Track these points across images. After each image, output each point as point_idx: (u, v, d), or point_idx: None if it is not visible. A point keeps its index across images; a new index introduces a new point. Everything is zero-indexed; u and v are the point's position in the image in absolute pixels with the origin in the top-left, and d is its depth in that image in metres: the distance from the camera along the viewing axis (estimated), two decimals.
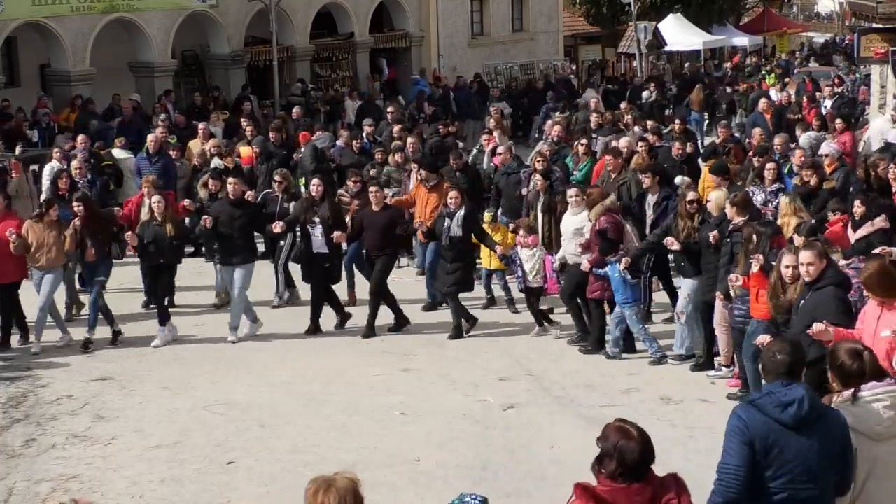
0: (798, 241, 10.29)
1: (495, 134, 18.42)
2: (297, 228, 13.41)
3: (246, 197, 13.38)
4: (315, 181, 13.58)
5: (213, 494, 8.81)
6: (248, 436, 10.04)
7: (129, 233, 13.07)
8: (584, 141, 16.90)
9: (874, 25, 23.60)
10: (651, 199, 13.28)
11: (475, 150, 18.15)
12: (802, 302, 8.67)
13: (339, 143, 19.09)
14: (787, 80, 30.24)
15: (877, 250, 10.03)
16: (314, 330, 13.24)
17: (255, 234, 13.68)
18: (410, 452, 9.48)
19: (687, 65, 38.07)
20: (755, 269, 9.88)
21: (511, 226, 13.98)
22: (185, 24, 27.59)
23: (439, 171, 15.24)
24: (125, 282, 15.18)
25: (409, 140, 18.22)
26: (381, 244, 13.29)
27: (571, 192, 12.75)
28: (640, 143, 16.30)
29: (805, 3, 74.48)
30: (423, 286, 14.65)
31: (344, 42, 31.77)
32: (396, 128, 19.74)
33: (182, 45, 28.54)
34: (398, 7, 32.94)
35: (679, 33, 39.72)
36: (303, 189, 17.72)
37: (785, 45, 48.05)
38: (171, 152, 18.04)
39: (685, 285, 11.81)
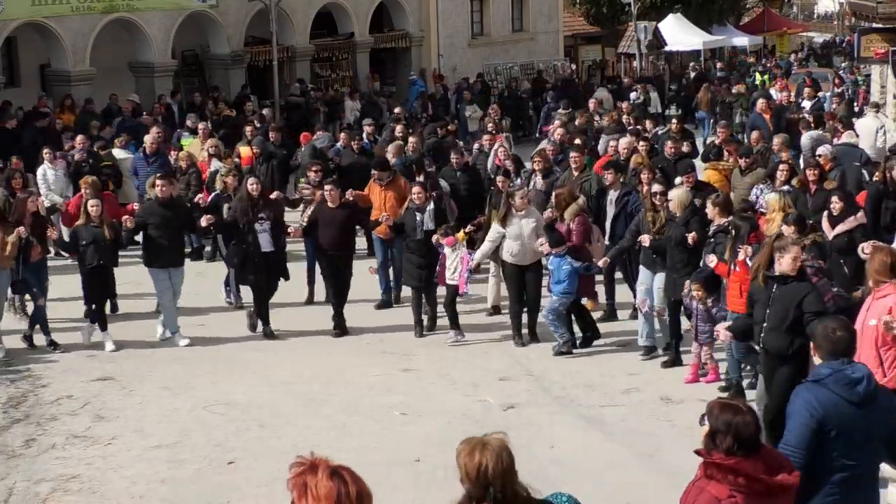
0: (787, 230, 10.34)
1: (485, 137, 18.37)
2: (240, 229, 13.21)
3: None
4: (251, 180, 13.40)
5: (213, 494, 8.81)
6: (248, 436, 10.04)
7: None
8: (577, 141, 16.92)
9: (874, 25, 23.61)
10: (612, 195, 13.51)
11: (475, 150, 18.14)
12: (775, 293, 8.74)
13: (338, 144, 19.06)
14: (777, 81, 30.27)
15: (866, 245, 10.07)
16: (270, 333, 13.11)
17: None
18: (410, 452, 9.48)
19: (692, 64, 38.05)
20: (741, 257, 10.09)
21: (468, 227, 14.31)
22: (185, 24, 27.59)
23: (392, 168, 15.28)
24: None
25: (412, 140, 18.23)
26: (338, 242, 13.22)
27: (518, 193, 12.88)
28: (642, 143, 16.31)
29: (805, 3, 74.46)
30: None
31: (344, 42, 31.76)
32: (398, 127, 19.73)
33: (182, 45, 28.54)
34: (398, 7, 32.94)
35: (679, 33, 39.73)
36: (302, 188, 17.76)
37: (785, 45, 48.05)
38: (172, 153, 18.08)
39: (657, 279, 11.83)
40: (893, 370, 7.88)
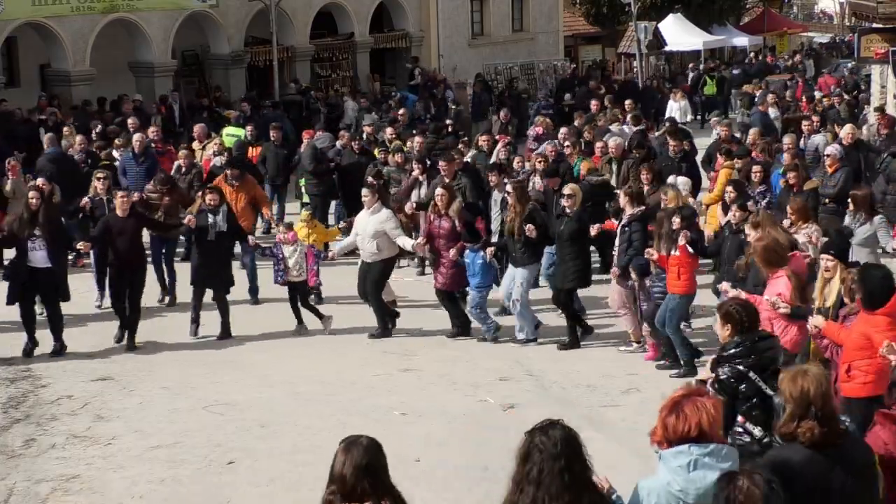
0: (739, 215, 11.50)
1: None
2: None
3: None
4: (32, 193, 12.86)
5: (213, 494, 8.80)
6: (248, 436, 10.03)
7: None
8: (567, 143, 16.98)
9: (874, 25, 23.60)
10: (497, 196, 14.00)
11: (474, 151, 18.14)
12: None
13: (337, 144, 19.06)
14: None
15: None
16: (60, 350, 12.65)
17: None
18: (410, 453, 9.46)
19: (691, 65, 38.07)
20: (682, 242, 11.04)
21: (342, 224, 15.03)
22: (185, 24, 27.59)
23: (243, 170, 15.36)
24: None
25: (416, 140, 18.25)
26: (129, 251, 12.83)
27: (364, 191, 13.34)
28: (636, 150, 16.40)
29: (805, 3, 74.45)
30: (424, 287, 14.65)
31: (344, 42, 31.76)
32: (388, 130, 19.71)
33: (182, 45, 28.54)
34: (398, 7, 32.93)
35: (679, 33, 39.71)
36: (302, 189, 17.78)
37: (785, 46, 48.04)
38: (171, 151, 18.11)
39: (518, 274, 12.45)
40: (871, 376, 7.86)
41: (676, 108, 25.51)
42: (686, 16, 40.88)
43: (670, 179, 15.00)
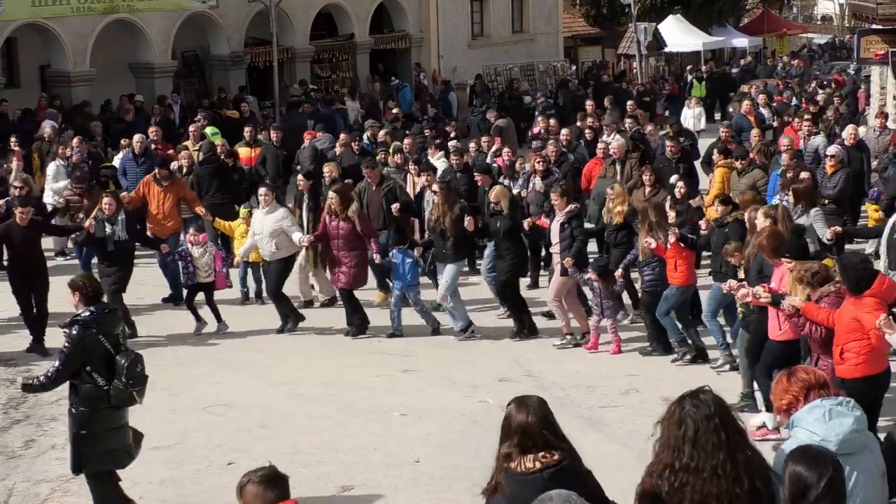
0: (722, 210, 11.76)
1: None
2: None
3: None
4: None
5: (213, 495, 8.80)
6: (247, 436, 10.04)
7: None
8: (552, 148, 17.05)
9: (874, 27, 23.59)
10: (429, 196, 14.24)
11: (474, 151, 18.14)
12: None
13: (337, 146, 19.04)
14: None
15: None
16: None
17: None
18: (410, 453, 9.48)
19: (690, 66, 38.10)
20: (672, 239, 11.47)
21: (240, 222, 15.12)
22: (185, 25, 27.60)
23: (171, 171, 15.40)
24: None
25: (406, 141, 18.25)
26: (28, 259, 12.65)
27: (262, 191, 13.59)
28: (634, 153, 16.41)
29: (805, 5, 74.48)
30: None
31: (344, 43, 31.78)
32: (381, 132, 19.65)
33: (182, 45, 28.55)
34: (398, 8, 32.95)
35: (679, 34, 39.74)
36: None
37: (784, 47, 48.06)
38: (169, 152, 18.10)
39: (447, 270, 12.88)
40: (862, 357, 8.26)
41: (690, 115, 25.43)
42: (686, 17, 40.91)
43: (672, 180, 15.00)
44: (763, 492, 4.75)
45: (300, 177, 14.68)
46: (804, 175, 13.83)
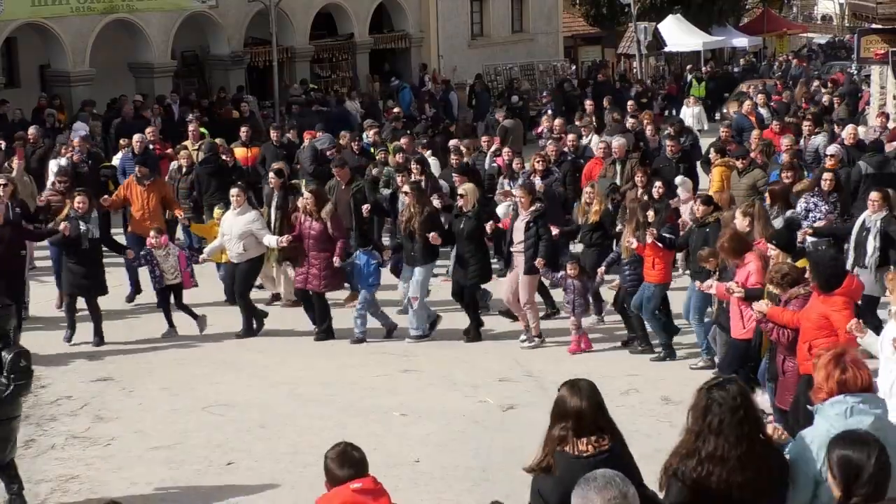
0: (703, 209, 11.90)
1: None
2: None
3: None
4: None
5: (213, 495, 8.80)
6: (248, 436, 10.04)
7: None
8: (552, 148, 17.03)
9: (874, 26, 23.61)
10: (403, 198, 14.16)
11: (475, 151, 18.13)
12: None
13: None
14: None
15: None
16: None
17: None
18: (410, 453, 9.48)
19: (690, 66, 38.12)
20: (649, 240, 11.63)
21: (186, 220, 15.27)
22: (184, 25, 27.59)
23: (152, 169, 15.31)
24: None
25: (403, 140, 18.26)
26: (6, 259, 12.42)
27: (233, 191, 13.49)
28: (634, 154, 16.40)
29: (805, 4, 74.48)
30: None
31: (344, 43, 31.77)
32: (372, 132, 19.62)
33: (182, 45, 28.53)
34: (398, 8, 32.94)
35: (679, 34, 39.73)
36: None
37: (784, 46, 48.07)
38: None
39: (416, 272, 12.81)
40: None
41: (690, 114, 25.41)
42: (686, 16, 40.91)
43: (677, 180, 15.01)
44: (782, 479, 5.02)
45: (272, 175, 14.56)
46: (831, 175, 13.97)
